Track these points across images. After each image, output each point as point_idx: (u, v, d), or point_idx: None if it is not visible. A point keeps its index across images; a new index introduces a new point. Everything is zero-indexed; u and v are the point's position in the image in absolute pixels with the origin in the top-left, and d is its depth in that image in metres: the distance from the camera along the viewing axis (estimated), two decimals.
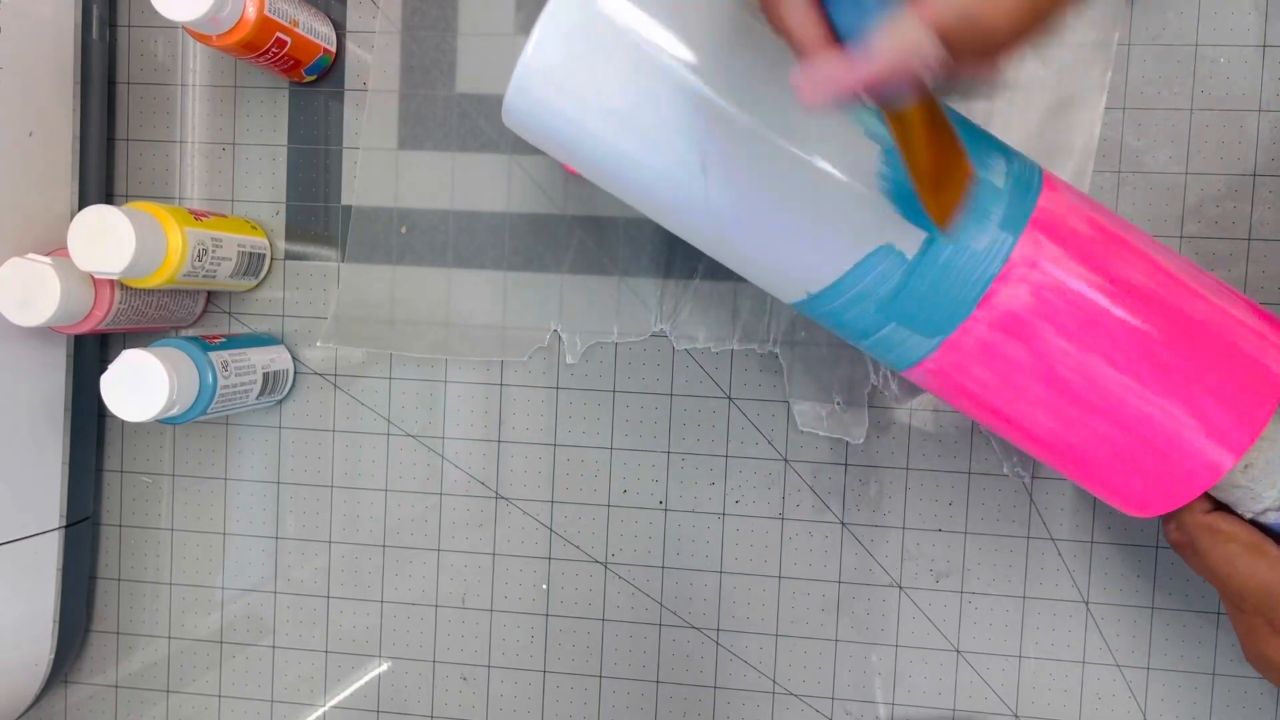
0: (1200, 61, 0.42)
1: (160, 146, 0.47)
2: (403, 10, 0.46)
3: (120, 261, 0.37)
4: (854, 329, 0.34)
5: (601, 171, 0.32)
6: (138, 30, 0.47)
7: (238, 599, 0.49)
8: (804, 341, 0.45)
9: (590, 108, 0.30)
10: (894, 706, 0.45)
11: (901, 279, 0.31)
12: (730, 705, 0.46)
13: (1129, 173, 0.42)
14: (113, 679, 0.50)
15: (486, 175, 0.46)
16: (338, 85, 0.46)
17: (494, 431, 0.47)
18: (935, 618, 0.45)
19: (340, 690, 0.48)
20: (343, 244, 0.47)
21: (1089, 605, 0.44)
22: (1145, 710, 0.44)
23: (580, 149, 0.31)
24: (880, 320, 0.32)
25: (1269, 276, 0.42)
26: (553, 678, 0.47)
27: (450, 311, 0.46)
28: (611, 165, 0.31)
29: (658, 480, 0.46)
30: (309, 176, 0.47)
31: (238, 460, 0.48)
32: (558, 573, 0.47)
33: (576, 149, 0.32)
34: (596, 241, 0.45)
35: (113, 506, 0.49)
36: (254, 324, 0.48)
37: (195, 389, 0.40)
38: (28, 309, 0.38)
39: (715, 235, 0.33)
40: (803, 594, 0.45)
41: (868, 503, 0.45)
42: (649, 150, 0.31)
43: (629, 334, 0.46)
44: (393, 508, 0.48)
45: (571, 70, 0.30)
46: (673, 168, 0.31)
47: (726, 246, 0.33)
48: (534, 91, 0.30)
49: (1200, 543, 0.34)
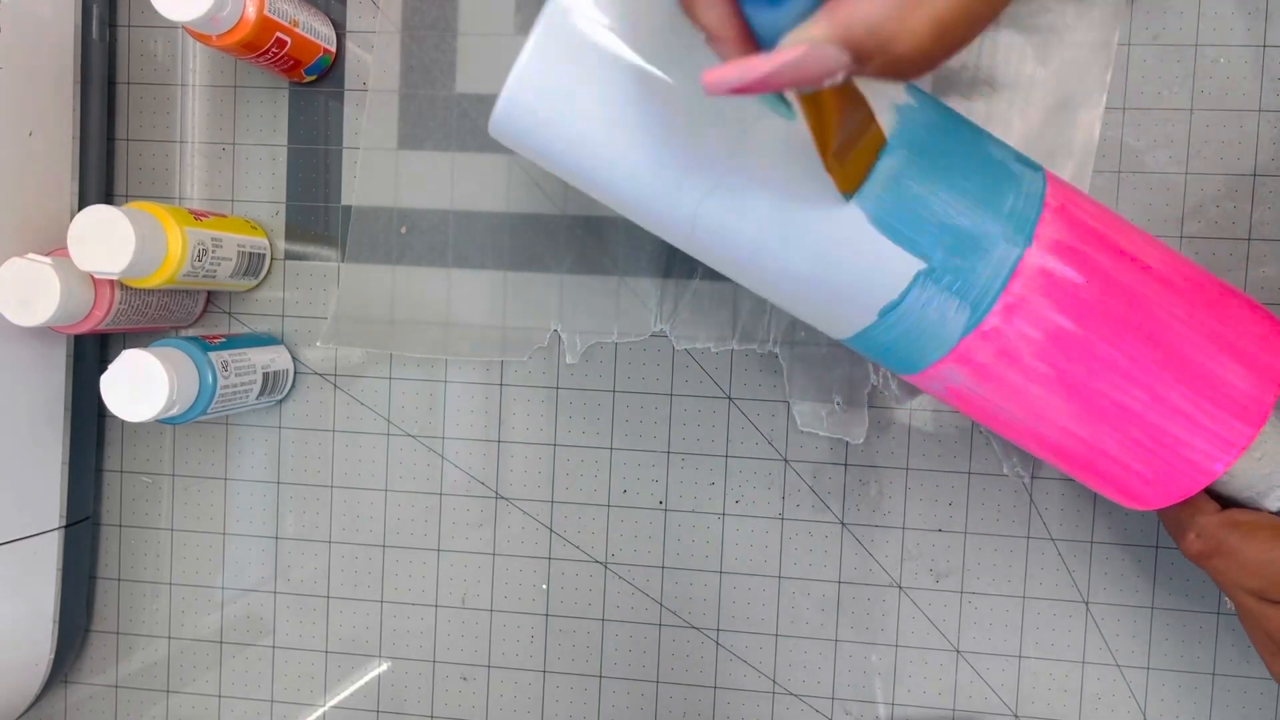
0: (1200, 61, 0.42)
1: (160, 146, 0.47)
2: (403, 10, 0.46)
3: (120, 261, 0.37)
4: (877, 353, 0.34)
5: (591, 188, 0.32)
6: (138, 30, 0.47)
7: (238, 599, 0.49)
8: (804, 341, 0.45)
9: (576, 129, 0.30)
10: (894, 706, 0.45)
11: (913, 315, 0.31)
12: (730, 705, 0.46)
13: (1129, 173, 0.42)
14: (113, 679, 0.50)
15: (486, 175, 0.46)
16: (338, 85, 0.46)
17: (494, 431, 0.47)
18: (935, 618, 0.45)
19: (340, 690, 0.48)
20: (343, 244, 0.47)
21: (1089, 605, 0.44)
22: (1145, 710, 0.44)
23: (567, 166, 0.31)
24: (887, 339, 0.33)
25: (1269, 276, 0.42)
26: (553, 678, 0.47)
27: (450, 311, 0.46)
28: (601, 183, 0.31)
29: (658, 480, 0.46)
30: (309, 176, 0.47)
31: (238, 460, 0.48)
32: (558, 573, 0.47)
33: (563, 166, 0.31)
34: (596, 241, 0.45)
35: (113, 506, 0.49)
36: (254, 324, 0.48)
37: (195, 389, 0.40)
38: (28, 309, 0.38)
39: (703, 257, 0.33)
40: (803, 594, 0.45)
41: (868, 503, 0.45)
42: (635, 182, 0.30)
43: (629, 334, 0.46)
44: (393, 508, 0.48)
45: (557, 91, 0.29)
46: (663, 203, 0.31)
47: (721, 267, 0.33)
48: (522, 111, 0.30)
49: (1229, 540, 0.33)
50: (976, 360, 0.31)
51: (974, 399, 0.33)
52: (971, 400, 0.33)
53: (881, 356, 0.33)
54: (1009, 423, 0.33)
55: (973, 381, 0.32)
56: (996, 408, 0.33)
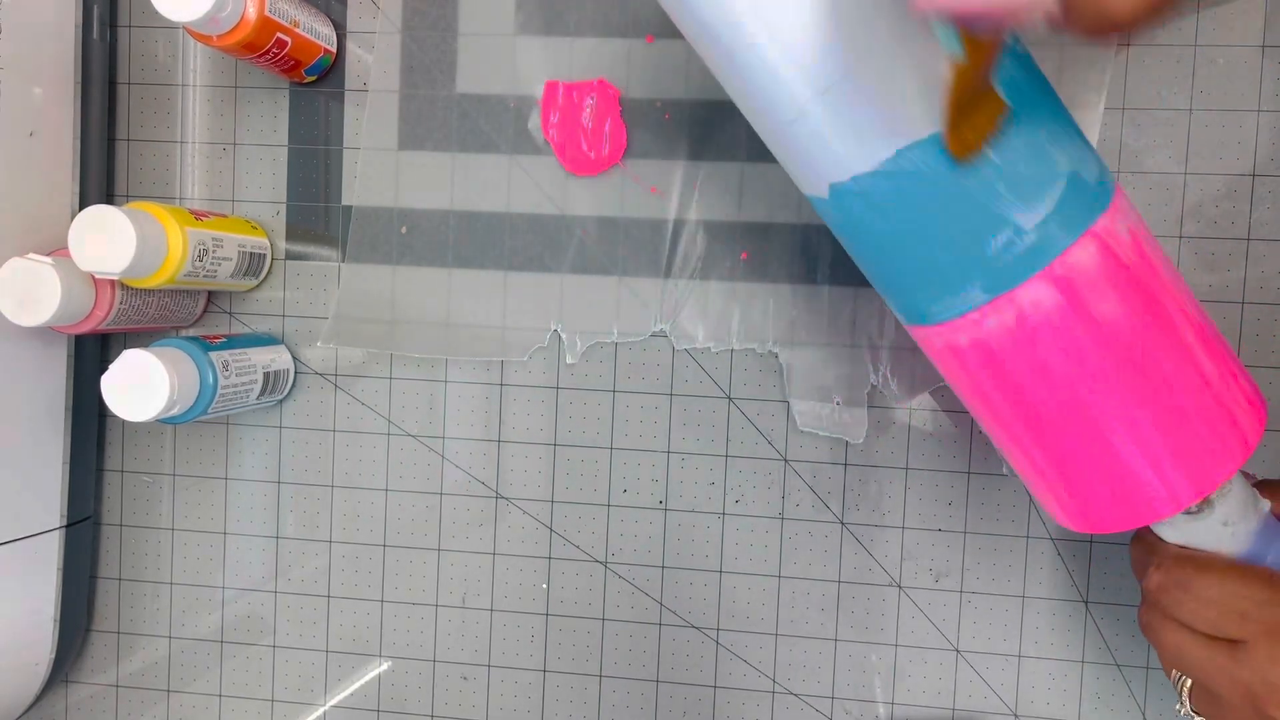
0: (1200, 61, 0.42)
1: (161, 146, 0.47)
2: (403, 10, 0.46)
3: (121, 261, 0.37)
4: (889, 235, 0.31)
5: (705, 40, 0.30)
6: (138, 30, 0.47)
7: (238, 599, 0.49)
8: (804, 342, 0.45)
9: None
10: (894, 706, 0.45)
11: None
12: (730, 705, 0.46)
13: (1129, 173, 0.42)
14: (113, 679, 0.50)
15: (486, 175, 0.46)
16: (338, 85, 0.46)
17: (494, 431, 0.47)
18: (935, 617, 0.45)
19: (340, 690, 0.48)
20: (343, 244, 0.47)
21: (1089, 605, 0.44)
22: (1145, 710, 0.44)
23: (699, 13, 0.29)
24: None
25: (1269, 276, 0.42)
26: (553, 677, 0.47)
27: (450, 311, 0.46)
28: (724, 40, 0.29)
29: (658, 480, 0.46)
30: (309, 176, 0.47)
31: (238, 460, 0.48)
32: (558, 572, 0.47)
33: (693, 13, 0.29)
34: (596, 241, 0.45)
35: (113, 506, 0.49)
36: (254, 324, 0.48)
37: (196, 389, 0.40)
38: (28, 309, 0.38)
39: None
40: (802, 594, 0.46)
41: (867, 503, 0.45)
42: (760, 49, 0.28)
43: (629, 334, 0.46)
44: (393, 507, 0.48)
45: None
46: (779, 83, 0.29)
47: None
48: None
49: (1185, 572, 0.33)
50: (1011, 319, 0.30)
51: (979, 372, 0.32)
52: (976, 374, 0.32)
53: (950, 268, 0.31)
54: (997, 405, 0.33)
55: (1003, 337, 0.31)
56: (995, 387, 0.32)
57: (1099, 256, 0.30)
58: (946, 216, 0.30)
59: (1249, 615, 0.32)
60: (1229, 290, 0.42)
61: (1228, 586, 0.32)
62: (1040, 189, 0.29)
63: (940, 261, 0.31)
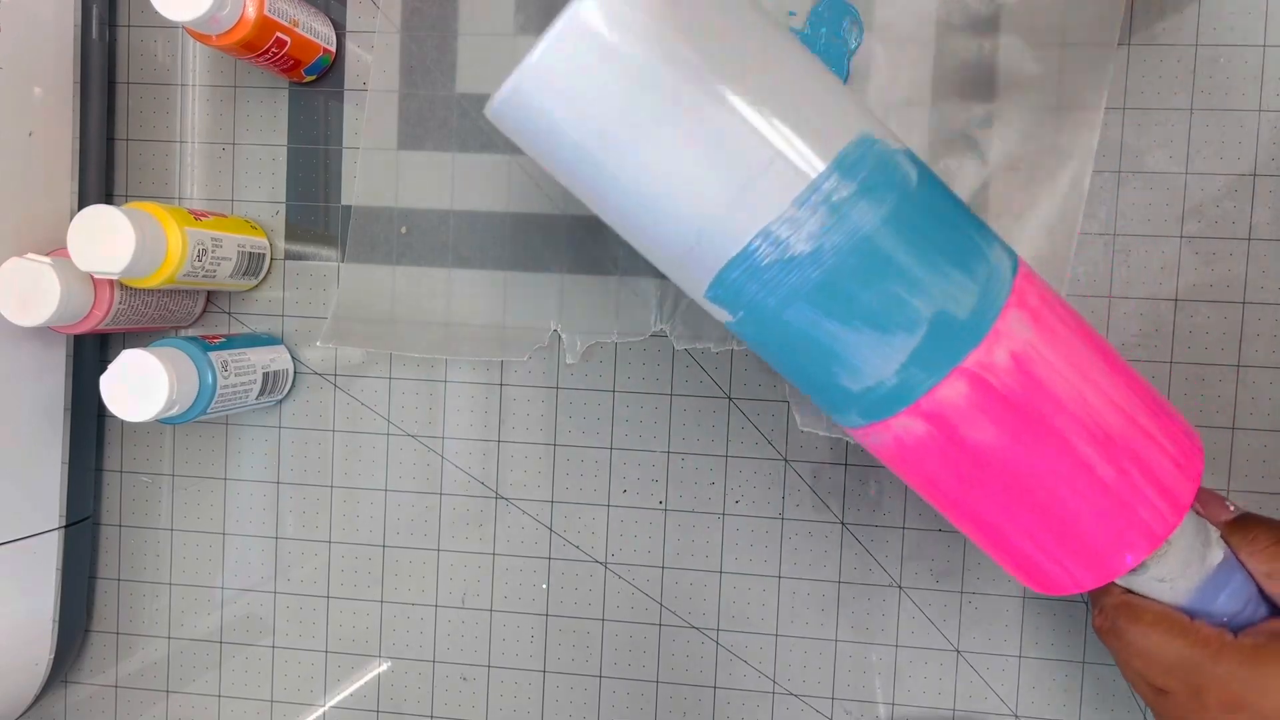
0: (1200, 61, 0.42)
1: (160, 146, 0.47)
2: (403, 10, 0.46)
3: (120, 261, 0.37)
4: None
5: (583, 188, 0.31)
6: (138, 30, 0.47)
7: (237, 599, 0.49)
8: None
9: (586, 127, 0.28)
10: (894, 706, 0.45)
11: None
12: (730, 705, 0.46)
13: (1129, 173, 0.42)
14: (113, 679, 0.50)
15: (486, 175, 0.46)
16: (338, 85, 0.46)
17: (494, 431, 0.47)
18: (935, 617, 0.45)
19: (340, 690, 0.48)
20: (343, 244, 0.47)
21: (1088, 605, 0.44)
22: (1145, 710, 0.44)
23: (565, 163, 0.30)
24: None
25: (1269, 276, 0.42)
26: (553, 678, 0.47)
27: (450, 311, 0.46)
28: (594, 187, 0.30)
29: (658, 480, 0.46)
30: (309, 176, 0.47)
31: (238, 460, 0.48)
32: (557, 573, 0.47)
33: (560, 161, 0.30)
34: (596, 241, 0.45)
35: (113, 506, 0.49)
36: (254, 324, 0.48)
37: (195, 389, 0.40)
38: (28, 309, 0.38)
39: None
40: (802, 594, 0.45)
41: (868, 503, 0.45)
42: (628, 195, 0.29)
43: (629, 334, 0.46)
44: (392, 508, 0.48)
45: (573, 87, 0.28)
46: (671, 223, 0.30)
47: None
48: (530, 97, 0.29)
49: (1120, 621, 0.34)
50: (944, 411, 0.31)
51: (916, 459, 0.33)
52: (916, 462, 0.33)
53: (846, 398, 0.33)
54: (945, 489, 0.33)
55: (927, 435, 0.32)
56: (904, 477, 0.34)
57: (969, 391, 0.30)
58: (809, 364, 0.31)
59: (1173, 670, 0.33)
60: (1229, 290, 0.42)
61: (1153, 639, 0.33)
62: (891, 345, 0.30)
63: (815, 395, 0.33)
